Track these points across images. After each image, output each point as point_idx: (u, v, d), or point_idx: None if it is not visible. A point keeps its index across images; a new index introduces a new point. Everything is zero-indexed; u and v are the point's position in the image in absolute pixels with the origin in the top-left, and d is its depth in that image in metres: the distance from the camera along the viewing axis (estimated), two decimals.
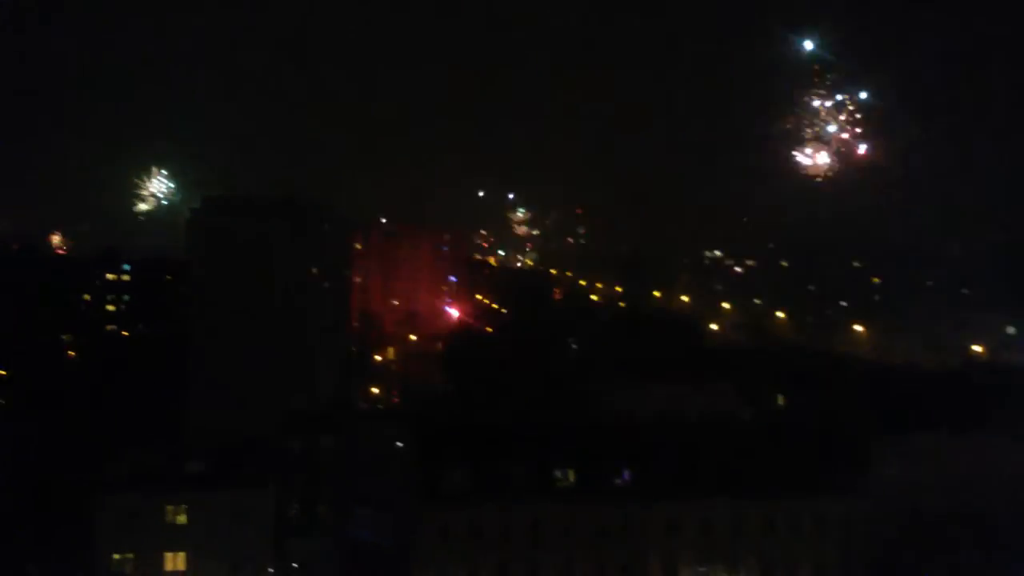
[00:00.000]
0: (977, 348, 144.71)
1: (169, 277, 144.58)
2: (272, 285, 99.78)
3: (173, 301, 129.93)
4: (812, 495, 60.75)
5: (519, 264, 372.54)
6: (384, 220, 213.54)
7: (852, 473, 61.67)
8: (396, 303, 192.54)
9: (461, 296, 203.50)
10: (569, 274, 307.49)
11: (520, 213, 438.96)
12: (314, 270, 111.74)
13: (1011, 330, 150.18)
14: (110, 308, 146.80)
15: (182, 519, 59.77)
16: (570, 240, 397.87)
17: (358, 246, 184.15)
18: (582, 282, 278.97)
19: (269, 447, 65.69)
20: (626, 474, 60.66)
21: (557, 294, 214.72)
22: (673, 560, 59.89)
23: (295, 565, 65.21)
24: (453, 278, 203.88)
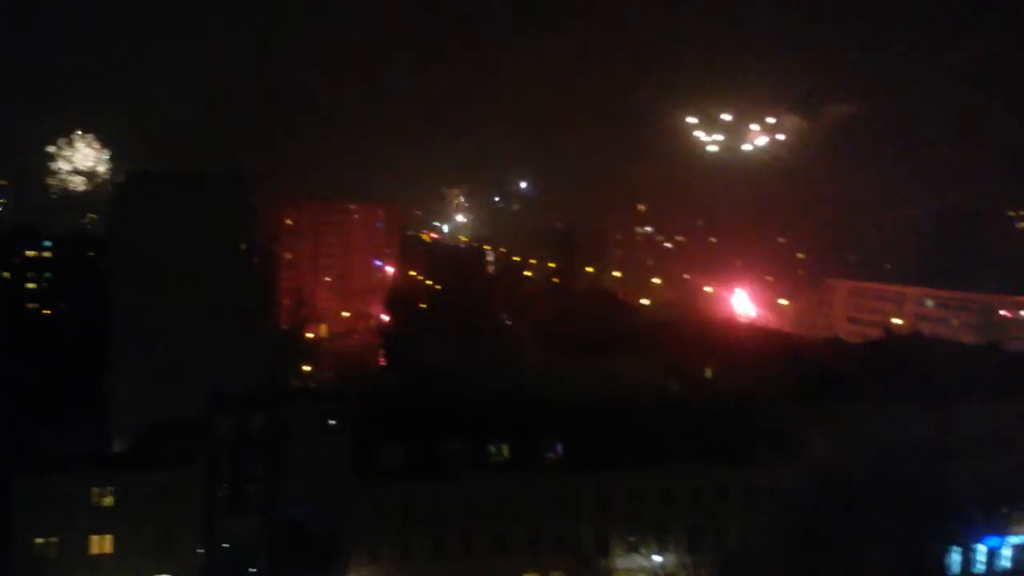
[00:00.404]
0: (897, 320, 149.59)
1: (92, 253, 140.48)
2: (199, 261, 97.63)
3: (96, 278, 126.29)
4: (739, 464, 62.28)
5: (453, 239, 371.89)
6: (316, 195, 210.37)
7: (778, 443, 63.33)
8: (328, 279, 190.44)
9: (395, 272, 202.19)
10: (503, 250, 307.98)
11: (455, 189, 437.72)
12: (242, 246, 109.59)
13: (930, 303, 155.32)
14: (30, 286, 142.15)
15: (108, 501, 58.46)
16: (504, 213, 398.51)
17: (289, 221, 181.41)
18: (516, 258, 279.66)
19: (197, 426, 64.51)
20: (559, 447, 61.28)
21: (491, 270, 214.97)
22: (605, 530, 60.86)
23: (225, 545, 64.41)
24: (387, 254, 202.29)
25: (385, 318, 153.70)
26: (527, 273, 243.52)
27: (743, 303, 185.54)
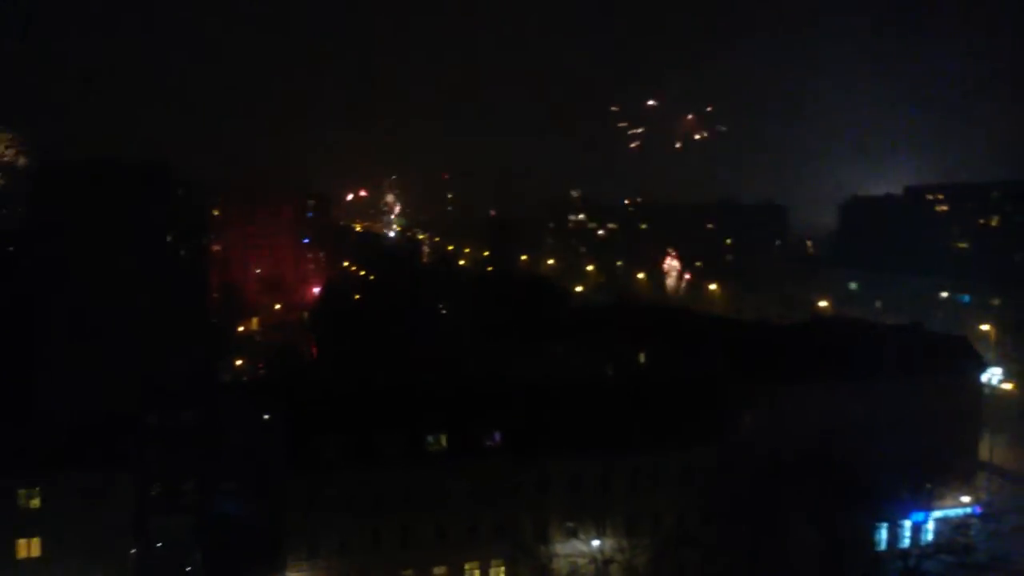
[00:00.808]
0: (823, 303, 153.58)
1: (12, 248, 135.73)
2: (124, 255, 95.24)
3: (18, 274, 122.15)
4: (674, 447, 63.24)
5: (387, 229, 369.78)
6: (244, 186, 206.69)
7: (710, 425, 64.58)
8: (258, 271, 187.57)
9: (327, 263, 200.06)
10: (437, 239, 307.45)
11: (388, 179, 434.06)
12: (168, 238, 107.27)
13: (853, 285, 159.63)
14: None
15: (35, 503, 56.86)
16: (439, 206, 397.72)
17: (216, 212, 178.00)
18: (450, 247, 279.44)
19: (127, 424, 63.08)
20: (497, 436, 61.48)
21: (425, 259, 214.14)
22: (544, 517, 61.31)
23: (159, 545, 63.25)
24: (319, 245, 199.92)
25: (318, 309, 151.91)
26: (461, 262, 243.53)
27: (674, 287, 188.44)
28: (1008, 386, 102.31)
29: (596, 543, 60.20)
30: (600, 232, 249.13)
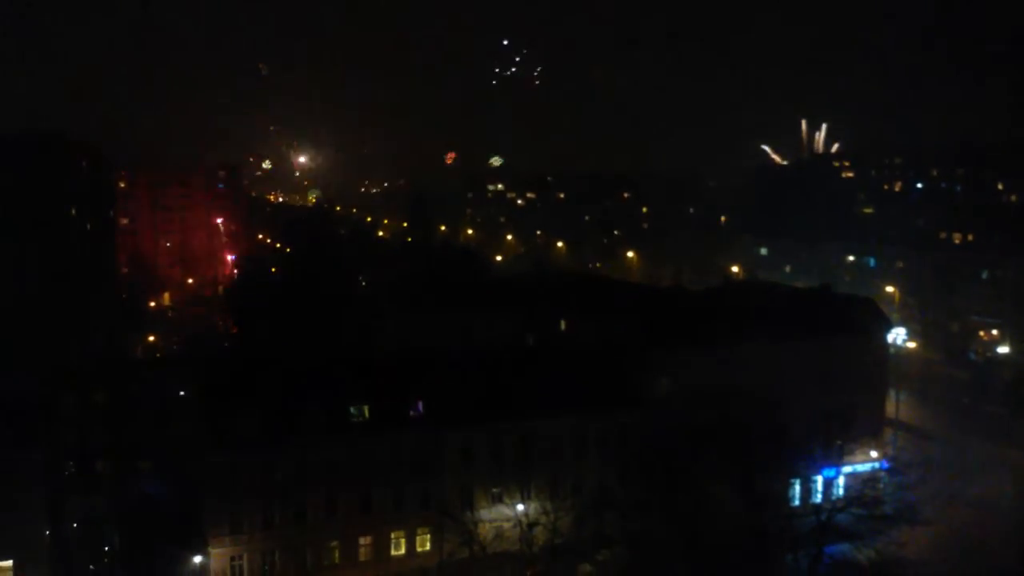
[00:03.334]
0: (734, 268, 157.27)
1: None
2: (28, 230, 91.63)
3: None
4: (594, 412, 64.38)
5: (302, 200, 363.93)
6: (153, 157, 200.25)
7: (629, 389, 65.82)
8: (169, 245, 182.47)
9: (240, 236, 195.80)
10: (354, 210, 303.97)
11: (305, 152, 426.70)
12: (73, 212, 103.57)
13: (763, 251, 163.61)
14: None
15: None
16: (352, 171, 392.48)
17: (122, 185, 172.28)
18: (368, 218, 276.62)
19: (35, 404, 61.03)
20: (420, 405, 61.56)
21: (342, 231, 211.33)
22: (469, 484, 61.84)
23: (75, 526, 61.66)
24: (233, 217, 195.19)
25: (235, 283, 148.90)
26: (380, 233, 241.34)
27: (590, 255, 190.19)
28: (912, 345, 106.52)
29: (520, 507, 60.99)
30: (519, 202, 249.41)
